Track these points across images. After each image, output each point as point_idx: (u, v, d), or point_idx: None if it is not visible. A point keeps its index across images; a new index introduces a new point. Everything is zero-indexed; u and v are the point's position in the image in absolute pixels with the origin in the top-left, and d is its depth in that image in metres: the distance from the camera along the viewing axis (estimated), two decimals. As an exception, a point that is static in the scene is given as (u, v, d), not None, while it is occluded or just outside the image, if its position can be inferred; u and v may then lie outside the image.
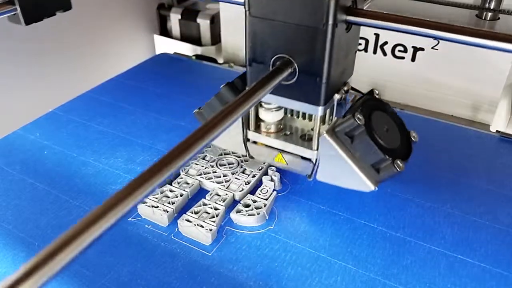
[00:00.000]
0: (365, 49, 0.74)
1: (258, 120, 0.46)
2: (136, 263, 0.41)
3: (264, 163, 0.51)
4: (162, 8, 0.98)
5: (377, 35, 0.72)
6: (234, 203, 0.47)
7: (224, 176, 0.49)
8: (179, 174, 0.50)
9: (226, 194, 0.47)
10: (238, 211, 0.45)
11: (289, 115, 0.48)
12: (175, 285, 0.39)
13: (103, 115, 0.63)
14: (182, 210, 0.46)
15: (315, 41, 0.36)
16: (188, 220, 0.44)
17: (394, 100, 0.76)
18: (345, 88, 0.42)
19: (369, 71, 0.76)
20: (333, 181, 0.44)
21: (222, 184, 0.48)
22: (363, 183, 0.41)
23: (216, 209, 0.45)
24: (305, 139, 0.45)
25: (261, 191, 0.47)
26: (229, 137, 0.48)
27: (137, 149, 0.56)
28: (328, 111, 0.43)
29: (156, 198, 0.46)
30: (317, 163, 0.44)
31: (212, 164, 0.51)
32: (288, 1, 0.36)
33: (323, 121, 0.43)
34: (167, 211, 0.45)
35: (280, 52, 0.38)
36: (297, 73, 0.38)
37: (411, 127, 0.62)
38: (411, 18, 0.35)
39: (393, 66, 0.73)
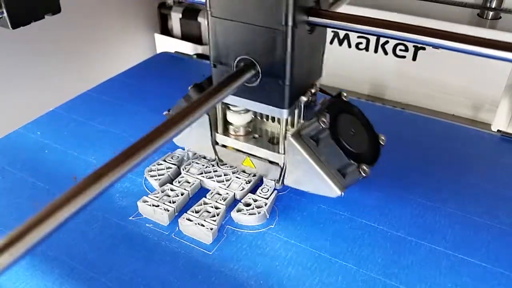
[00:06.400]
0: (366, 48, 0.74)
1: (226, 123, 0.45)
2: (137, 262, 0.41)
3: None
4: (163, 7, 0.98)
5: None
6: (235, 202, 0.47)
7: (225, 175, 0.49)
8: (180, 173, 0.50)
9: (227, 193, 0.47)
10: (239, 210, 0.45)
11: (259, 118, 0.46)
12: (175, 284, 0.39)
13: (104, 114, 0.63)
14: (183, 209, 0.46)
15: (276, 43, 0.35)
16: (189, 219, 0.44)
17: (395, 100, 0.76)
18: (313, 90, 0.41)
19: (370, 70, 0.76)
20: (300, 186, 0.43)
21: (223, 183, 0.48)
22: (330, 188, 0.40)
23: (217, 208, 0.45)
24: (274, 143, 0.44)
25: (262, 190, 0.47)
26: (197, 140, 0.47)
27: (138, 148, 0.56)
28: (296, 113, 0.42)
29: (157, 197, 0.46)
30: (284, 168, 0.43)
31: (213, 163, 0.51)
32: (248, 2, 0.35)
33: (291, 124, 0.42)
34: (168, 210, 0.45)
35: (243, 53, 0.37)
36: (260, 75, 0.37)
37: (412, 127, 0.62)
38: (376, 20, 0.34)
39: (394, 65, 0.73)
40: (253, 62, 0.37)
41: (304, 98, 0.40)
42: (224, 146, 0.47)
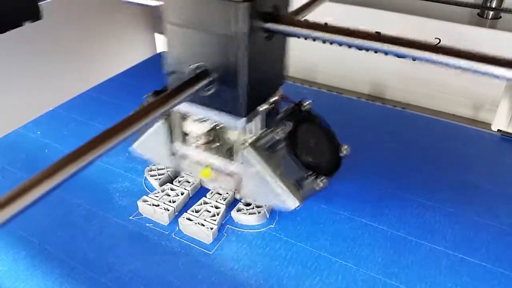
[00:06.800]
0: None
1: (185, 131, 0.44)
2: (136, 262, 0.41)
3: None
4: (163, 7, 0.98)
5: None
6: (235, 201, 0.47)
7: (225, 175, 0.49)
8: (180, 173, 0.50)
9: (227, 193, 0.47)
10: (239, 210, 0.45)
11: (219, 127, 0.44)
12: (176, 284, 0.39)
13: (104, 114, 0.63)
14: (183, 208, 0.46)
15: (229, 50, 0.34)
16: (189, 219, 0.44)
17: (395, 99, 0.76)
18: (273, 98, 0.40)
19: (370, 70, 0.76)
20: (256, 198, 0.42)
21: (223, 183, 0.48)
22: (286, 201, 0.39)
23: (217, 207, 0.45)
24: (232, 153, 0.43)
25: (262, 190, 0.47)
26: (156, 149, 0.45)
27: (138, 148, 0.56)
28: (256, 122, 0.40)
29: (157, 196, 0.46)
30: (241, 179, 0.42)
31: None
32: (201, 9, 0.34)
33: (252, 133, 0.41)
34: (168, 210, 0.45)
35: (198, 61, 0.36)
36: (215, 83, 0.36)
37: (412, 127, 0.62)
38: (341, 28, 0.32)
39: (394, 65, 0.73)
40: (208, 69, 0.36)
41: (264, 107, 0.39)
42: (183, 156, 0.45)
